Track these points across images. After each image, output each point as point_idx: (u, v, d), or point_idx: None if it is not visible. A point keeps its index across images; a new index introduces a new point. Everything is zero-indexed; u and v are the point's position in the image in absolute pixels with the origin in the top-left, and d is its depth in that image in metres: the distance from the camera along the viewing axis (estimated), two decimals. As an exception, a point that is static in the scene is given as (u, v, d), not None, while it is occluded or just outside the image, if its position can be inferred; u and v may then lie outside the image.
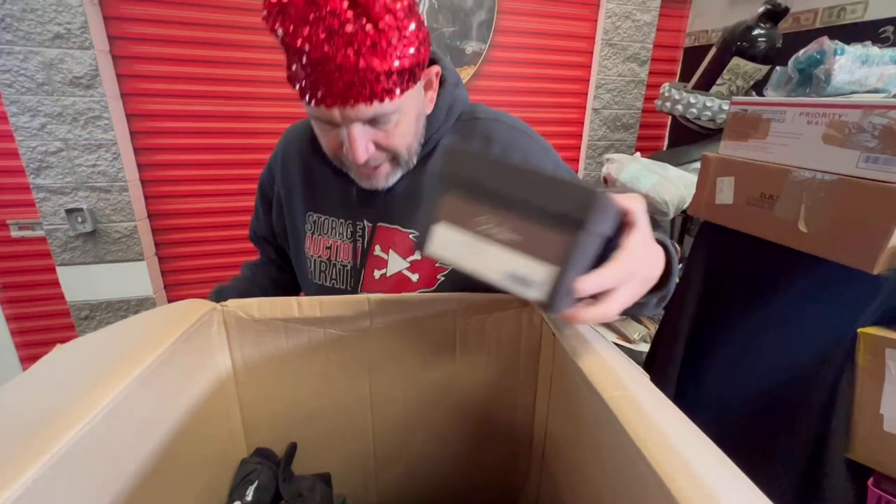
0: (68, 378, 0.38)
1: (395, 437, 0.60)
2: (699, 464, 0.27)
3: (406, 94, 0.50)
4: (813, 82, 0.74)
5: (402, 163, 0.58)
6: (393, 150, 0.55)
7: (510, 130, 0.62)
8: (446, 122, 0.61)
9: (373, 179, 0.59)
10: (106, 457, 0.33)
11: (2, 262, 1.43)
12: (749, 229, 0.83)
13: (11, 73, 1.22)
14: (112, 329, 0.49)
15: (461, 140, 0.62)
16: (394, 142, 0.54)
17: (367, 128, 0.51)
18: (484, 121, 0.62)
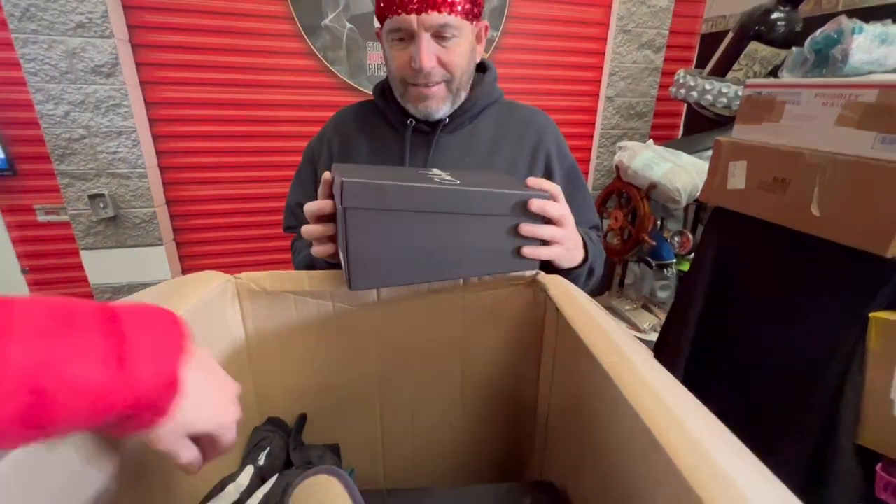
0: None
1: (401, 410, 0.61)
2: (692, 422, 0.27)
3: (467, 23, 0.62)
4: (829, 63, 0.73)
5: (453, 89, 0.67)
6: (451, 68, 0.64)
7: (553, 126, 0.76)
8: (490, 97, 0.73)
9: (428, 101, 0.66)
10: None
11: (29, 245, 1.48)
12: (761, 214, 0.82)
13: (36, 61, 1.26)
14: (132, 298, 0.51)
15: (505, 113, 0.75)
16: (453, 60, 0.63)
17: (433, 42, 0.62)
18: (525, 107, 0.77)
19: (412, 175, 0.49)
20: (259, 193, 1.59)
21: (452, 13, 0.59)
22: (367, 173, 0.47)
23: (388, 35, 0.63)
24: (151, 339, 0.26)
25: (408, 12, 0.59)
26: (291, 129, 1.54)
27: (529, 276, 0.53)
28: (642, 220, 1.44)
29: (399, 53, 0.64)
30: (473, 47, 0.67)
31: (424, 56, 0.61)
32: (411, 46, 0.62)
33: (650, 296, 1.72)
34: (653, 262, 1.51)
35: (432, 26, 0.60)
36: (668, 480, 0.25)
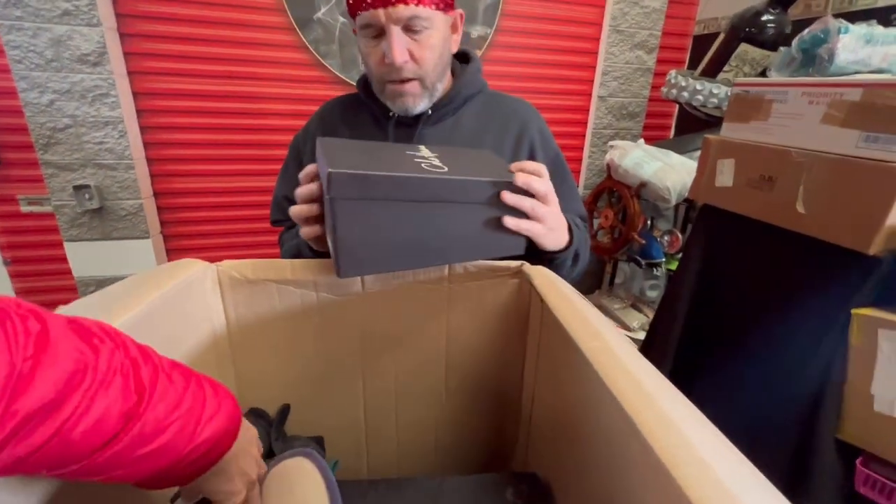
0: None
1: (386, 401, 0.61)
2: (671, 409, 0.27)
3: (438, 12, 0.61)
4: (816, 62, 0.74)
5: (427, 86, 0.66)
6: (422, 63, 0.63)
7: (537, 115, 0.76)
8: (473, 88, 0.73)
9: (405, 97, 0.66)
10: None
11: (11, 236, 1.45)
12: (748, 211, 0.83)
13: (21, 49, 1.23)
14: (112, 287, 0.50)
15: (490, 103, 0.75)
16: (425, 54, 0.63)
17: (404, 36, 0.61)
18: (507, 96, 0.77)
19: (399, 157, 0.49)
20: (248, 187, 1.57)
21: (421, 4, 0.59)
22: (352, 157, 0.47)
23: (360, 32, 0.63)
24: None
25: (375, 6, 0.59)
26: (282, 123, 1.52)
27: (514, 266, 0.53)
28: (632, 218, 1.44)
29: (373, 50, 0.63)
30: (447, 38, 0.66)
31: (396, 51, 0.60)
32: (383, 42, 0.61)
33: (640, 295, 1.73)
34: (642, 261, 1.52)
35: (401, 19, 0.59)
36: (646, 465, 0.25)
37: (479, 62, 0.76)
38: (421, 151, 0.53)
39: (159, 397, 0.28)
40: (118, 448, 0.26)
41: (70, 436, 0.24)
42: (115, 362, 0.26)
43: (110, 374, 0.26)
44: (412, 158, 0.49)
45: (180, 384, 0.30)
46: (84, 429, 0.24)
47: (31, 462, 0.23)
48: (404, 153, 0.51)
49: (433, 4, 0.60)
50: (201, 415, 0.31)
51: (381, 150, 0.53)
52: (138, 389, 0.27)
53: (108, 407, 0.25)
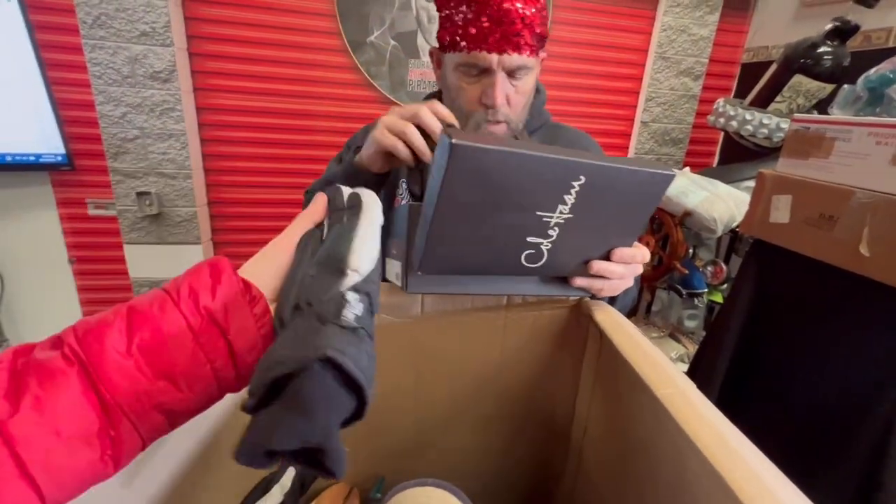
0: None
1: (435, 424, 0.62)
2: (752, 459, 0.27)
3: (536, 58, 0.62)
4: (884, 102, 0.72)
5: (513, 129, 0.67)
6: (516, 108, 0.64)
7: (590, 141, 0.77)
8: (539, 121, 0.74)
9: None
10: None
11: (78, 237, 1.56)
12: (804, 250, 0.81)
13: (101, 65, 1.34)
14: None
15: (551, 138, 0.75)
16: (519, 100, 0.64)
17: (507, 80, 0.62)
18: (569, 129, 0.78)
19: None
20: (295, 199, 1.64)
21: (532, 54, 0.60)
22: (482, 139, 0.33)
23: (458, 67, 0.63)
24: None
25: (489, 51, 0.59)
26: (331, 140, 1.59)
27: (574, 299, 0.54)
28: (675, 247, 1.42)
29: (469, 87, 0.63)
30: (536, 81, 0.67)
31: (498, 94, 0.61)
32: (483, 80, 0.62)
33: (678, 324, 1.68)
34: (683, 291, 1.48)
35: (510, 67, 0.60)
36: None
37: (545, 94, 0.77)
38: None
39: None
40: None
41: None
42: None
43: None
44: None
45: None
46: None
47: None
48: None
49: (536, 54, 0.61)
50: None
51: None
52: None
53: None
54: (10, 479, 0.20)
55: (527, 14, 0.57)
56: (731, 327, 0.96)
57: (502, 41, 0.58)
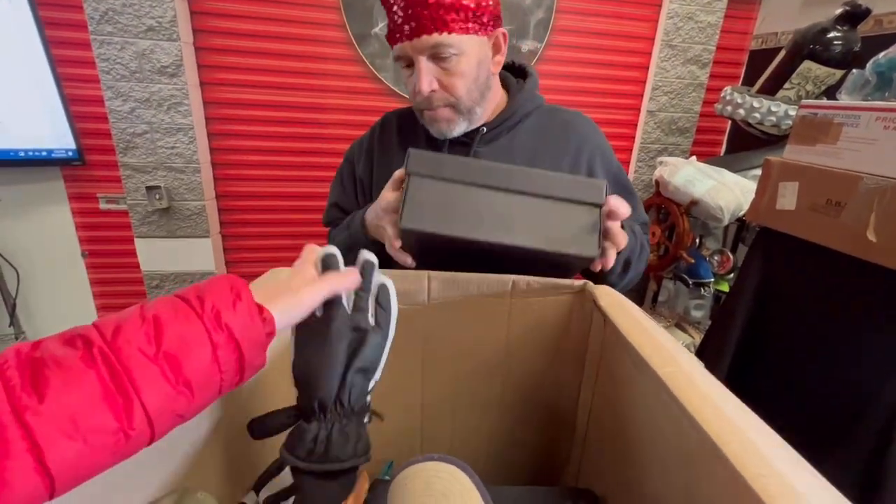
0: None
1: (442, 410, 0.63)
2: (752, 432, 0.28)
3: (466, 35, 0.60)
4: (893, 86, 0.71)
5: (462, 111, 0.66)
6: (452, 90, 0.63)
7: (594, 127, 0.76)
8: (530, 105, 0.73)
9: (438, 123, 0.67)
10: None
11: (90, 231, 1.59)
12: (811, 236, 0.81)
13: (109, 61, 1.36)
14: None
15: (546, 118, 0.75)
16: (454, 81, 0.63)
17: (430, 64, 0.61)
18: (564, 111, 0.76)
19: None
20: (303, 192, 1.65)
21: (445, 31, 0.58)
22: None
23: (395, 62, 0.66)
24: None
25: (401, 40, 0.60)
26: (337, 132, 1.59)
27: (578, 285, 0.54)
28: (681, 236, 1.42)
29: (408, 80, 0.65)
30: (483, 60, 0.65)
31: (422, 81, 0.61)
32: (414, 70, 0.62)
33: (684, 314, 1.68)
34: (689, 280, 1.48)
35: (425, 49, 0.60)
36: (732, 491, 0.26)
37: (537, 77, 0.76)
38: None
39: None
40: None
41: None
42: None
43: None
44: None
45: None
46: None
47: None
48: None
49: (464, 29, 0.59)
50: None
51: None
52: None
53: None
54: (25, 472, 0.20)
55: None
56: (737, 316, 0.96)
57: (409, 28, 0.59)
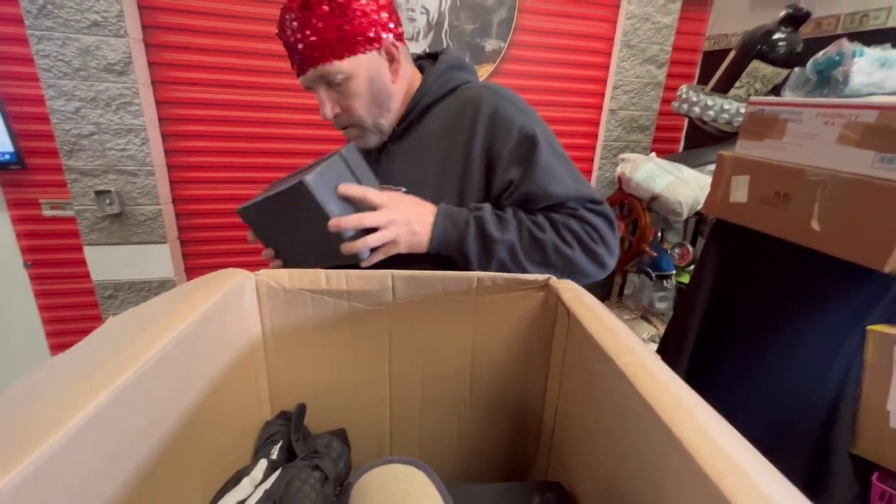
0: (114, 343, 0.40)
1: (410, 412, 0.62)
2: (703, 418, 0.29)
3: (352, 57, 0.63)
4: (831, 84, 0.76)
5: (367, 127, 0.70)
6: (352, 112, 0.67)
7: (493, 94, 0.66)
8: (437, 92, 0.70)
9: (355, 140, 0.72)
10: (143, 413, 0.35)
11: (33, 239, 1.48)
12: (762, 227, 0.84)
13: (50, 58, 1.27)
14: (159, 298, 0.52)
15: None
16: (350, 103, 0.66)
17: (328, 91, 0.66)
18: (470, 86, 0.70)
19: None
20: (265, 194, 1.60)
21: (324, 62, 0.62)
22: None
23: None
24: None
25: (299, 74, 0.65)
26: (298, 132, 1.55)
27: (542, 279, 0.55)
28: (643, 231, 1.46)
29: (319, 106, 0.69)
30: (376, 75, 0.66)
31: (324, 109, 0.66)
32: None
33: (649, 306, 1.74)
34: (653, 273, 1.53)
35: (316, 80, 0.64)
36: (686, 473, 0.26)
37: (449, 61, 0.71)
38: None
39: None
40: None
41: None
42: None
43: None
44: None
45: None
46: None
47: None
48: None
49: (339, 55, 0.62)
50: None
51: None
52: None
53: None
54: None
55: (302, 33, 0.60)
56: (697, 304, 1.00)
57: (298, 64, 0.64)
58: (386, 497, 0.33)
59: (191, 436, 0.43)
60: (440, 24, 1.54)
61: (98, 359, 0.36)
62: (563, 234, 0.63)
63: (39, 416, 0.28)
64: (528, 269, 0.64)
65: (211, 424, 0.47)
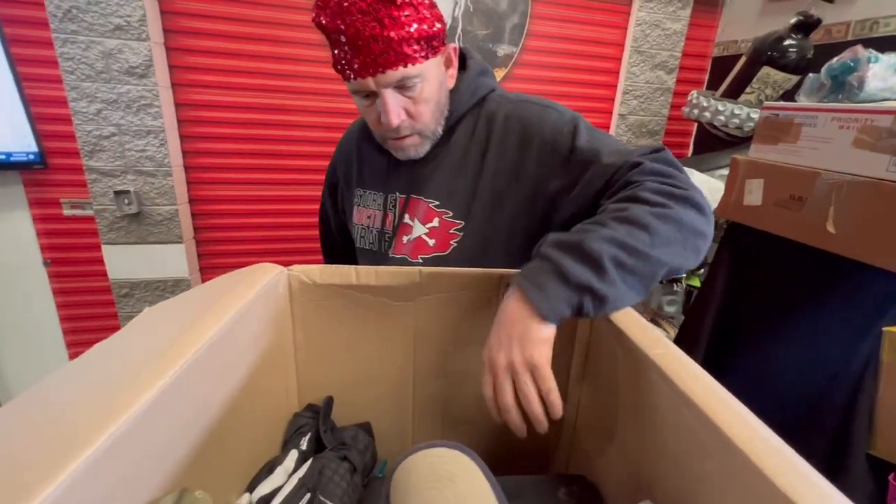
0: (161, 335, 0.41)
1: (433, 406, 0.64)
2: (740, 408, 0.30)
3: (427, 62, 0.59)
4: (845, 89, 0.77)
5: (428, 135, 0.66)
6: (419, 118, 0.62)
7: (513, 104, 0.68)
8: (469, 101, 0.69)
9: (405, 150, 0.66)
10: (192, 403, 0.37)
11: (53, 238, 1.51)
12: (776, 230, 0.86)
13: (74, 60, 1.30)
14: (196, 292, 0.54)
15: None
16: (420, 108, 0.62)
17: (397, 95, 0.60)
18: (490, 99, 0.69)
19: None
20: (277, 195, 1.62)
21: (409, 64, 0.57)
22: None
23: (352, 94, 0.63)
24: None
25: (363, 76, 0.57)
26: (311, 135, 1.58)
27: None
28: (654, 234, 1.47)
29: (368, 110, 0.63)
30: (442, 81, 0.64)
31: (392, 115, 0.59)
32: (376, 101, 0.60)
33: (658, 309, 1.74)
34: (663, 277, 1.54)
35: (391, 83, 0.58)
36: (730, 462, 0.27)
37: (477, 67, 0.70)
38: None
39: None
40: None
41: None
42: None
43: None
44: None
45: None
46: None
47: None
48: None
49: (423, 58, 0.58)
50: None
51: None
52: None
53: None
54: None
55: (388, 30, 0.54)
56: (709, 310, 1.00)
57: (371, 63, 0.56)
58: (433, 479, 0.34)
59: (230, 425, 0.44)
60: (453, 29, 1.57)
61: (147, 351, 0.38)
62: (645, 197, 0.49)
63: (99, 406, 0.29)
64: (658, 259, 0.46)
65: (246, 414, 0.48)
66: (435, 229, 0.70)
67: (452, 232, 0.70)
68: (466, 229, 0.69)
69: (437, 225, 0.70)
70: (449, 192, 0.69)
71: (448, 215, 0.69)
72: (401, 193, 0.73)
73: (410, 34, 0.55)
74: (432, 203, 0.70)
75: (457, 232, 0.69)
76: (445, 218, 0.69)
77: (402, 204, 0.72)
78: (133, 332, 0.44)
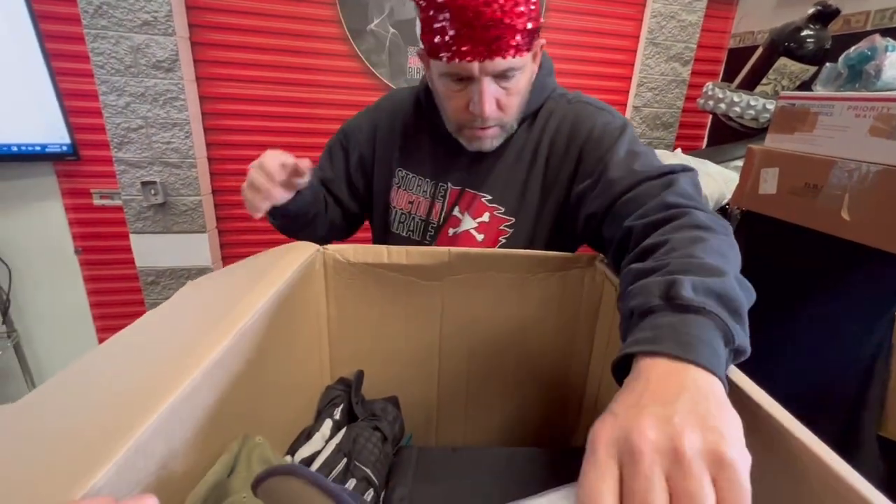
0: (213, 308, 0.44)
1: (457, 383, 0.67)
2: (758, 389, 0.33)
3: (527, 55, 0.58)
4: (863, 78, 0.78)
5: (508, 129, 0.66)
6: (508, 110, 0.62)
7: (570, 105, 0.69)
8: (538, 101, 0.68)
9: (482, 141, 0.65)
10: (238, 369, 0.40)
11: (84, 227, 1.57)
12: (792, 218, 0.87)
13: (104, 55, 1.35)
14: (238, 267, 0.58)
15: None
16: (512, 100, 0.61)
17: (494, 85, 0.59)
18: (551, 98, 0.70)
19: None
20: (298, 187, 1.66)
21: (518, 55, 0.56)
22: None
23: (442, 75, 0.60)
24: None
25: (470, 60, 0.55)
26: (332, 128, 1.60)
27: (587, 258, 0.59)
28: (668, 225, 1.48)
29: (455, 95, 0.61)
30: (532, 73, 0.64)
31: (486, 105, 0.58)
32: (469, 88, 0.59)
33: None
34: (676, 267, 1.55)
35: (496, 72, 0.57)
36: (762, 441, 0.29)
37: (548, 65, 0.69)
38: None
39: None
40: None
41: None
42: None
43: None
44: None
45: None
46: None
47: None
48: None
49: (525, 51, 0.57)
50: None
51: None
52: None
53: None
54: None
55: (507, 17, 0.52)
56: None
57: (483, 48, 0.54)
58: None
59: (272, 392, 0.48)
60: (470, 22, 1.58)
61: (204, 320, 0.41)
62: (713, 227, 0.45)
63: (176, 362, 0.32)
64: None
65: (285, 384, 0.52)
66: (485, 224, 0.71)
67: (503, 228, 0.70)
68: (516, 225, 0.70)
69: (488, 220, 0.70)
70: (503, 188, 0.69)
71: (500, 211, 0.70)
72: (454, 185, 0.71)
73: (524, 25, 0.54)
74: (486, 197, 0.70)
75: (507, 228, 0.70)
76: (497, 213, 0.70)
77: (456, 196, 0.71)
78: (184, 302, 0.48)
